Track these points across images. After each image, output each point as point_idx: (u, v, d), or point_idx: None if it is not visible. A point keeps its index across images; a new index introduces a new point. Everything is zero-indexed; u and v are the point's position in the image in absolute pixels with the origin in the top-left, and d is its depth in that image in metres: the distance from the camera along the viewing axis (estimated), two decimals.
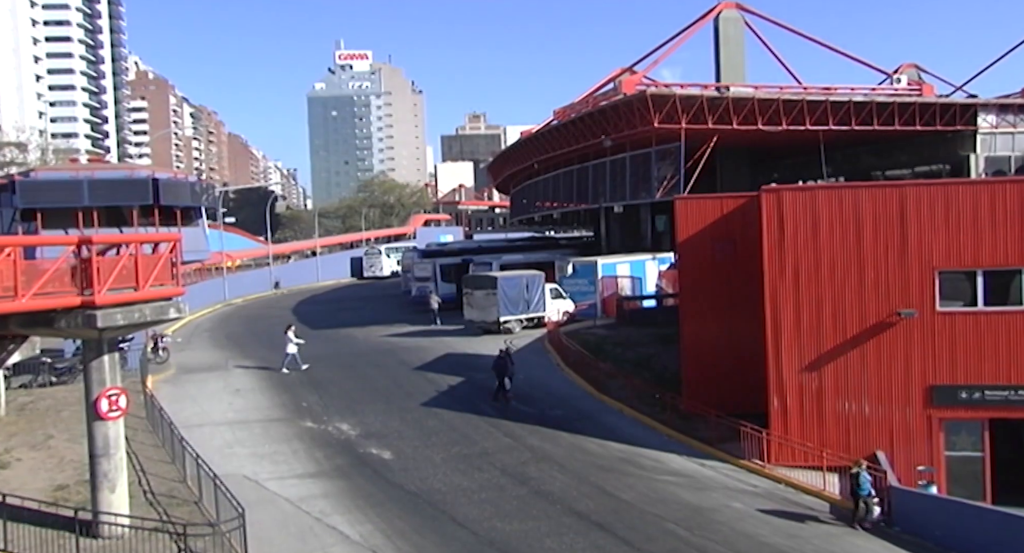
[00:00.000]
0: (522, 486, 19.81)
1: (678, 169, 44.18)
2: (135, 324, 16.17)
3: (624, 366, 31.11)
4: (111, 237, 23.51)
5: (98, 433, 16.07)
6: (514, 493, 19.30)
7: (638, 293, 45.16)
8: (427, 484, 19.77)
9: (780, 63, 59.13)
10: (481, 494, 19.19)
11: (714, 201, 26.44)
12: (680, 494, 19.96)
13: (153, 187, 35.61)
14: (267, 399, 28.70)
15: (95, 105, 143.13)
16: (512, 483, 20.01)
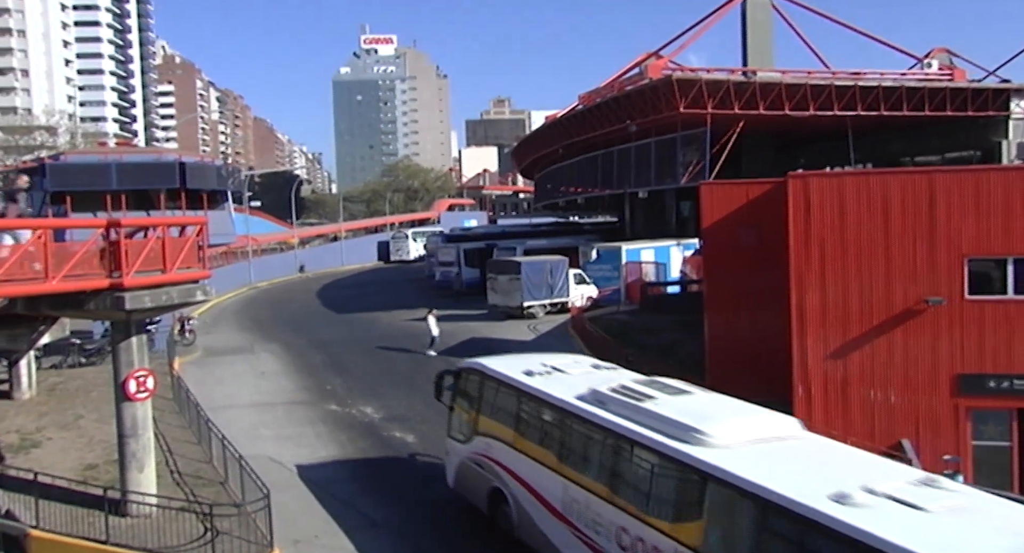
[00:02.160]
0: None
1: (703, 154, 43.80)
2: (162, 306, 16.32)
3: (648, 352, 30.89)
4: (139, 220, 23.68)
5: (126, 414, 16.27)
6: None
7: (662, 279, 44.93)
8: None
9: (808, 47, 58.53)
10: None
11: (740, 187, 26.15)
12: None
13: (180, 171, 35.84)
14: (291, 382, 28.95)
15: (123, 89, 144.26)
16: None
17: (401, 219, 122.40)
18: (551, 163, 71.04)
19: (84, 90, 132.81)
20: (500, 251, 50.14)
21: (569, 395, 14.34)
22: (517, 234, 63.15)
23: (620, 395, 13.61)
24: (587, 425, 13.50)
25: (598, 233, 65.72)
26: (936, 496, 9.61)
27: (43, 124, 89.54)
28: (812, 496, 9.55)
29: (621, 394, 13.62)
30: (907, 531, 8.70)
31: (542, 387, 15.09)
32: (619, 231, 61.10)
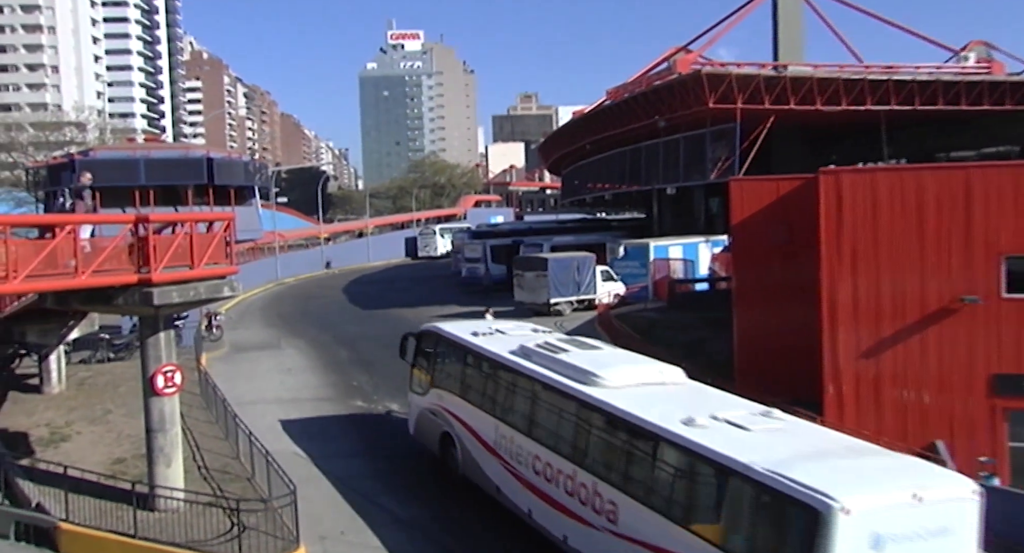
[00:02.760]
0: None
1: (733, 150, 43.43)
2: (190, 302, 16.46)
3: (675, 350, 30.33)
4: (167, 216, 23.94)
5: (154, 408, 16.43)
6: None
7: (690, 276, 44.76)
8: None
9: (840, 41, 57.47)
10: None
11: (770, 183, 26.02)
12: None
13: (208, 166, 36.17)
14: (318, 378, 29.12)
15: (151, 85, 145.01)
16: None
17: (427, 215, 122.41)
18: (578, 159, 70.80)
19: (113, 86, 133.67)
20: (527, 247, 50.15)
21: (503, 350, 17.50)
22: (544, 230, 63.06)
23: (542, 349, 16.65)
24: (513, 373, 16.70)
25: (626, 230, 65.42)
26: (763, 422, 12.51)
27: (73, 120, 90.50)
28: (666, 420, 12.61)
29: (543, 348, 16.69)
30: (722, 441, 11.68)
31: (483, 344, 18.42)
32: (647, 228, 60.82)
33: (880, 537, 10.03)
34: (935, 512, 10.44)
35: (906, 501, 10.31)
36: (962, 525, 10.53)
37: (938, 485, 10.87)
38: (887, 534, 10.06)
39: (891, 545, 10.08)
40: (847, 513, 9.80)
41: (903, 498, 10.33)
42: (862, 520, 9.92)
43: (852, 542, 9.86)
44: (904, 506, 10.29)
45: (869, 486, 10.53)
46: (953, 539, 10.45)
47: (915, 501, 10.31)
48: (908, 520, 10.26)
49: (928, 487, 10.61)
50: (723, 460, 11.30)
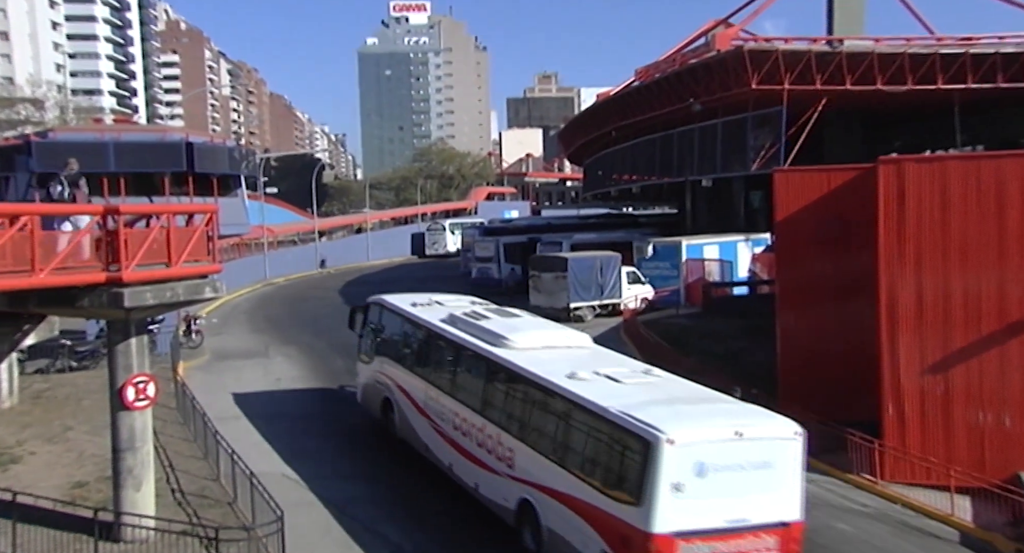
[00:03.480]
0: None
1: (778, 137, 43.21)
2: (166, 304, 16.25)
3: (710, 361, 30.65)
4: (140, 207, 23.84)
5: (123, 425, 16.20)
6: None
7: (728, 279, 44.74)
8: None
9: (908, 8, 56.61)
10: None
11: (820, 174, 25.78)
12: None
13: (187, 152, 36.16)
14: (309, 390, 28.94)
15: (120, 58, 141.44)
16: None
17: (434, 209, 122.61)
18: (603, 147, 70.77)
19: (75, 58, 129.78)
20: (544, 246, 50.09)
21: (434, 318, 21.42)
22: (563, 227, 63.11)
23: (467, 317, 20.50)
24: (440, 339, 20.53)
25: (655, 226, 65.52)
26: (637, 377, 16.16)
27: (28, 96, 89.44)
28: (553, 374, 16.07)
29: (468, 316, 20.54)
30: (592, 390, 15.09)
31: (418, 313, 22.32)
32: (679, 224, 60.59)
33: (703, 465, 13.26)
34: (757, 448, 13.70)
35: (728, 436, 13.57)
36: (784, 461, 13.77)
37: (761, 425, 14.16)
38: (710, 463, 13.30)
39: (712, 473, 13.30)
40: (671, 443, 13.03)
41: (725, 434, 13.59)
42: (685, 450, 13.13)
43: (677, 468, 13.07)
44: (726, 441, 13.54)
45: (696, 423, 13.89)
46: (774, 472, 13.70)
47: (736, 437, 13.58)
48: (730, 453, 13.47)
49: (751, 426, 13.90)
50: (587, 404, 14.77)
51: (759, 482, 13.65)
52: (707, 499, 13.36)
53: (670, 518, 13.12)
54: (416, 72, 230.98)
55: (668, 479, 13.09)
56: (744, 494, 13.61)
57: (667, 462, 13.03)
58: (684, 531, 13.19)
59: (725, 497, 13.49)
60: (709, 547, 13.38)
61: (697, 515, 13.28)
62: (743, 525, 13.57)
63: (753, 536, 13.65)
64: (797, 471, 13.83)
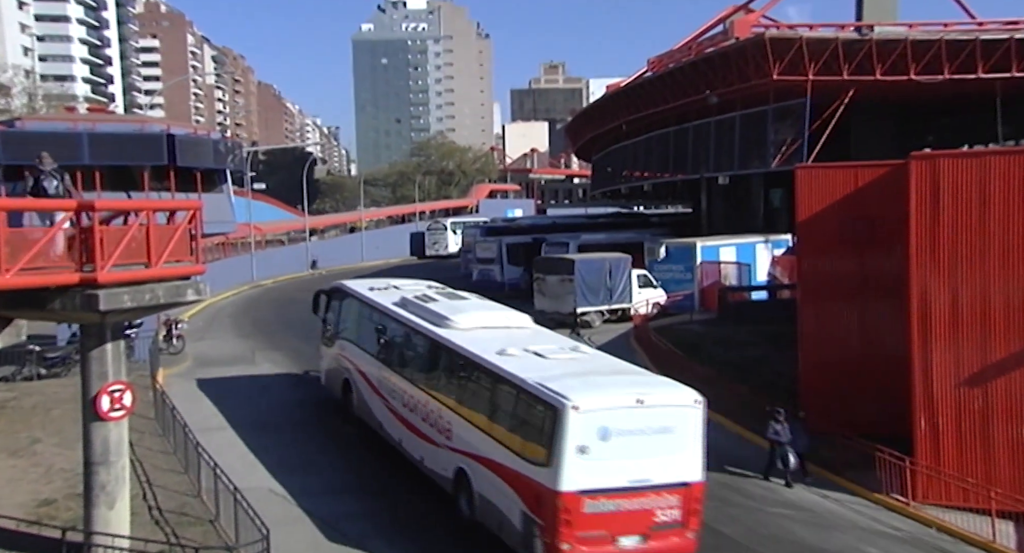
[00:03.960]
0: None
1: (801, 131, 43.18)
2: (145, 307, 16.01)
3: (727, 370, 30.70)
4: (117, 203, 23.67)
5: (96, 437, 16.00)
6: None
7: (746, 283, 44.73)
8: None
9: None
10: None
11: (846, 171, 25.73)
12: (797, 531, 19.41)
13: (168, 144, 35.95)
14: (298, 398, 28.84)
15: (95, 42, 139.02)
16: None
17: (432, 207, 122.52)
18: (613, 142, 70.83)
19: (45, 41, 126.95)
20: (550, 247, 50.06)
21: (388, 302, 24.20)
22: (570, 227, 63.13)
23: (417, 299, 23.25)
24: (393, 320, 23.21)
25: (668, 227, 65.57)
26: (562, 353, 18.45)
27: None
28: (485, 351, 18.47)
29: (418, 299, 23.29)
30: (516, 364, 17.41)
31: (375, 297, 25.22)
32: (693, 224, 60.55)
33: (607, 430, 15.53)
34: (658, 414, 16.08)
35: (630, 404, 15.92)
36: (685, 426, 16.14)
37: (662, 393, 16.69)
38: (613, 428, 15.58)
39: (616, 437, 15.59)
40: (576, 410, 15.31)
41: (628, 401, 15.95)
42: (589, 416, 15.42)
43: (582, 432, 15.34)
44: (628, 407, 15.88)
45: (601, 392, 16.23)
46: (675, 437, 16.07)
47: (638, 404, 15.93)
48: (632, 419, 15.81)
49: (652, 394, 16.37)
50: (510, 377, 17.12)
51: (661, 445, 16.02)
52: (611, 460, 15.66)
53: (576, 478, 15.41)
54: (414, 61, 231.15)
55: (574, 442, 15.38)
56: (646, 456, 15.94)
57: (573, 427, 15.35)
58: (589, 489, 15.53)
59: (628, 459, 15.80)
60: (614, 504, 15.76)
61: (602, 475, 15.59)
62: (645, 484, 15.91)
63: (655, 494, 16.00)
64: (698, 436, 16.29)
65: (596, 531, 15.81)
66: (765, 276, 46.08)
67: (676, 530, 16.28)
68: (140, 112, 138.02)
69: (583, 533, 15.71)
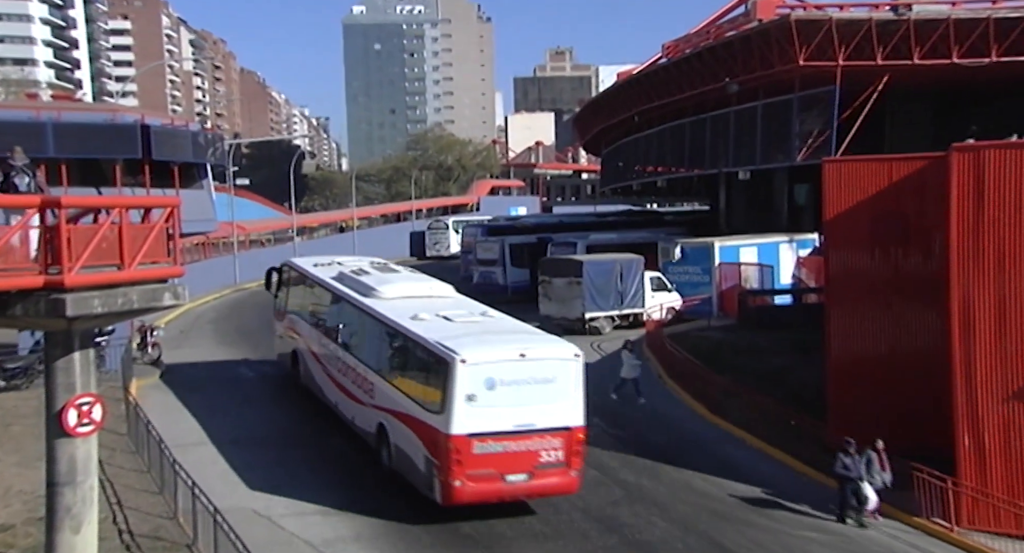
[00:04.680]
0: (611, 534, 19.75)
1: (829, 122, 43.07)
2: (118, 312, 15.90)
3: (748, 380, 30.84)
4: (87, 199, 23.59)
5: (62, 454, 15.81)
6: (601, 543, 19.27)
7: (768, 286, 44.84)
8: (487, 525, 19.73)
9: None
10: (557, 541, 19.19)
11: (879, 164, 25.59)
12: None
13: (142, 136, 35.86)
14: (286, 411, 28.82)
15: (59, 23, 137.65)
16: (598, 530, 19.93)
17: (430, 204, 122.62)
18: (624, 134, 70.86)
19: (2, 21, 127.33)
20: (556, 247, 50.15)
21: (327, 276, 28.10)
22: (578, 226, 63.15)
23: (352, 273, 27.02)
24: (329, 293, 27.34)
25: (683, 225, 65.80)
26: (468, 317, 22.12)
27: None
28: (400, 316, 22.13)
29: (353, 273, 27.13)
30: (423, 327, 20.98)
31: (316, 272, 29.18)
32: (711, 223, 60.76)
33: (493, 380, 19.05)
34: (540, 366, 19.67)
35: (514, 357, 19.56)
36: (565, 377, 19.71)
37: (544, 348, 20.42)
38: (498, 379, 19.11)
39: (501, 386, 19.11)
40: (464, 362, 18.85)
41: (511, 355, 19.59)
42: (476, 368, 18.97)
43: (470, 382, 18.85)
44: (512, 360, 19.49)
45: (488, 347, 19.85)
46: (556, 386, 19.61)
47: (521, 357, 19.57)
48: (516, 370, 19.37)
49: (535, 349, 20.08)
50: (415, 337, 20.91)
51: (543, 394, 19.53)
52: (497, 407, 19.12)
53: (466, 422, 18.86)
54: (410, 46, 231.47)
55: (463, 391, 18.85)
56: (530, 403, 19.39)
57: (461, 378, 18.85)
58: (477, 433, 18.94)
59: (513, 406, 19.25)
60: (501, 446, 19.13)
61: (489, 420, 19.02)
62: (529, 428, 19.31)
63: (539, 437, 19.39)
64: (578, 386, 19.83)
65: (485, 470, 19.17)
66: (789, 279, 46.22)
67: (559, 469, 19.74)
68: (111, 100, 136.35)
69: (473, 471, 19.04)
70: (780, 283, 45.52)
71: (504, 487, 19.51)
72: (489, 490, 19.47)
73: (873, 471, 21.44)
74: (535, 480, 19.58)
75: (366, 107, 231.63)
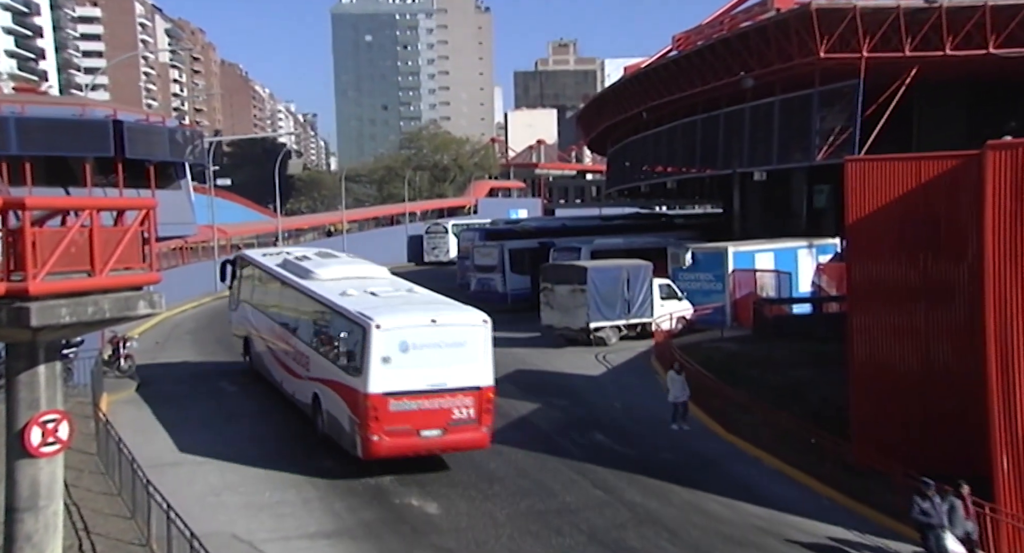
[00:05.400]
0: None
1: (852, 118, 43.07)
2: (88, 322, 15.84)
3: (764, 395, 30.82)
4: (54, 200, 23.48)
5: (23, 476, 15.70)
6: None
7: (785, 294, 44.83)
8: (486, 551, 19.67)
9: None
10: None
11: (907, 163, 25.42)
12: None
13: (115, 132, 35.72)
14: (271, 427, 28.82)
15: (21, 9, 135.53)
16: None
17: (425, 207, 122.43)
18: (631, 132, 71.06)
19: None
20: (559, 252, 50.47)
21: (273, 264, 32.02)
22: (582, 230, 63.49)
23: (295, 260, 31.17)
24: (274, 278, 31.25)
25: (694, 230, 66.00)
26: (393, 294, 26.04)
27: None
28: (331, 293, 26.01)
29: (297, 259, 31.22)
30: (349, 301, 24.90)
31: (264, 261, 33.27)
32: (724, 227, 60.83)
33: (406, 343, 22.74)
34: (450, 331, 23.44)
35: (425, 323, 23.38)
36: (474, 341, 23.51)
37: (455, 315, 24.37)
38: (411, 342, 22.81)
39: (414, 349, 22.77)
40: (379, 327, 22.58)
41: (423, 321, 23.45)
42: (390, 332, 22.69)
43: (386, 345, 22.54)
44: (423, 326, 23.29)
45: (402, 314, 23.79)
46: (466, 349, 23.36)
47: (432, 323, 23.40)
48: (428, 335, 23.10)
49: (446, 316, 24.03)
50: (340, 309, 24.80)
51: (454, 357, 23.20)
52: (411, 368, 22.73)
53: (382, 382, 22.49)
54: (403, 38, 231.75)
55: (379, 354, 22.50)
56: (442, 365, 23.02)
57: (376, 341, 22.56)
58: (393, 391, 22.59)
59: (426, 367, 22.89)
60: (416, 403, 22.77)
61: (403, 380, 22.67)
62: (441, 387, 22.97)
63: (451, 396, 23.07)
64: (487, 349, 23.66)
65: (402, 426, 22.70)
66: (808, 287, 46.23)
67: (471, 426, 23.40)
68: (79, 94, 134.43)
69: (391, 427, 22.58)
70: (798, 291, 45.54)
71: (419, 441, 23.07)
72: (405, 444, 22.97)
73: (956, 519, 19.98)
74: (448, 435, 23.26)
75: (356, 103, 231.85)
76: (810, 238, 48.55)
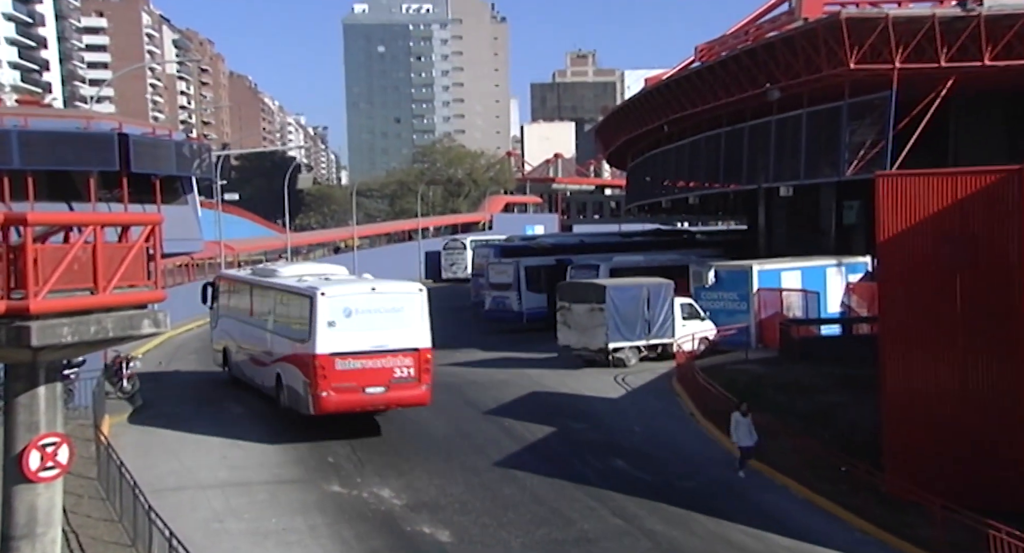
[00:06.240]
0: None
1: (884, 132, 42.89)
2: (90, 341, 15.92)
3: (791, 421, 30.66)
4: (57, 215, 23.50)
5: (20, 502, 15.73)
6: None
7: (814, 314, 44.72)
8: None
9: None
10: None
11: (942, 179, 25.29)
12: None
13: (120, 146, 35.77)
14: (278, 451, 28.77)
15: (24, 19, 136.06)
16: None
17: (438, 222, 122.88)
18: (652, 146, 71.10)
19: None
20: (576, 270, 50.43)
21: (244, 275, 37.83)
22: (601, 247, 63.27)
23: (264, 268, 38.87)
24: (245, 285, 36.04)
25: (718, 247, 65.90)
26: (342, 279, 32.47)
27: None
28: (288, 280, 32.26)
29: (265, 267, 39.06)
30: (303, 284, 30.46)
31: (238, 274, 39.17)
32: (749, 244, 60.71)
33: (349, 309, 27.70)
34: (388, 298, 28.54)
35: (366, 291, 28.89)
36: (411, 308, 28.41)
37: (392, 285, 29.88)
38: (354, 308, 27.79)
39: (357, 315, 27.68)
40: (324, 295, 27.75)
41: (364, 290, 29.09)
42: (334, 299, 27.81)
43: (330, 311, 27.51)
44: (364, 293, 28.70)
45: (345, 285, 29.82)
46: (404, 315, 28.23)
47: (372, 291, 28.86)
48: (369, 302, 28.24)
49: (384, 285, 29.51)
50: (293, 288, 30.28)
51: (393, 321, 27.88)
52: (355, 332, 27.38)
53: (328, 344, 27.06)
54: (417, 49, 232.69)
55: (324, 319, 27.14)
56: (382, 328, 27.63)
57: (322, 308, 27.29)
58: (339, 352, 27.08)
59: (368, 330, 27.49)
60: (360, 363, 27.27)
61: (348, 342, 27.23)
62: (383, 348, 27.58)
63: (392, 356, 27.64)
64: (424, 315, 28.47)
65: (347, 383, 27.13)
66: (838, 307, 46.08)
67: (411, 384, 27.84)
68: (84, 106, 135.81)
69: (337, 384, 26.99)
70: (827, 311, 45.37)
71: (364, 398, 27.53)
72: (352, 400, 27.37)
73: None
74: (391, 392, 27.71)
75: (368, 115, 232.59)
76: (839, 256, 48.50)
